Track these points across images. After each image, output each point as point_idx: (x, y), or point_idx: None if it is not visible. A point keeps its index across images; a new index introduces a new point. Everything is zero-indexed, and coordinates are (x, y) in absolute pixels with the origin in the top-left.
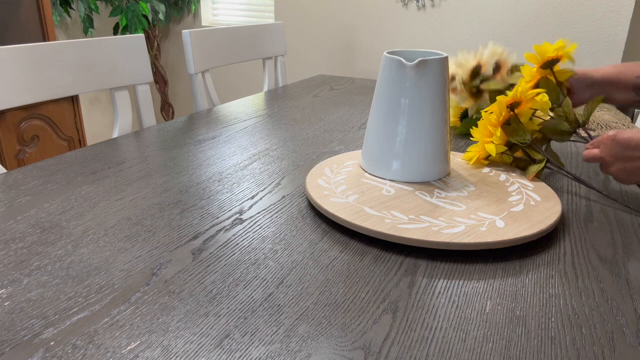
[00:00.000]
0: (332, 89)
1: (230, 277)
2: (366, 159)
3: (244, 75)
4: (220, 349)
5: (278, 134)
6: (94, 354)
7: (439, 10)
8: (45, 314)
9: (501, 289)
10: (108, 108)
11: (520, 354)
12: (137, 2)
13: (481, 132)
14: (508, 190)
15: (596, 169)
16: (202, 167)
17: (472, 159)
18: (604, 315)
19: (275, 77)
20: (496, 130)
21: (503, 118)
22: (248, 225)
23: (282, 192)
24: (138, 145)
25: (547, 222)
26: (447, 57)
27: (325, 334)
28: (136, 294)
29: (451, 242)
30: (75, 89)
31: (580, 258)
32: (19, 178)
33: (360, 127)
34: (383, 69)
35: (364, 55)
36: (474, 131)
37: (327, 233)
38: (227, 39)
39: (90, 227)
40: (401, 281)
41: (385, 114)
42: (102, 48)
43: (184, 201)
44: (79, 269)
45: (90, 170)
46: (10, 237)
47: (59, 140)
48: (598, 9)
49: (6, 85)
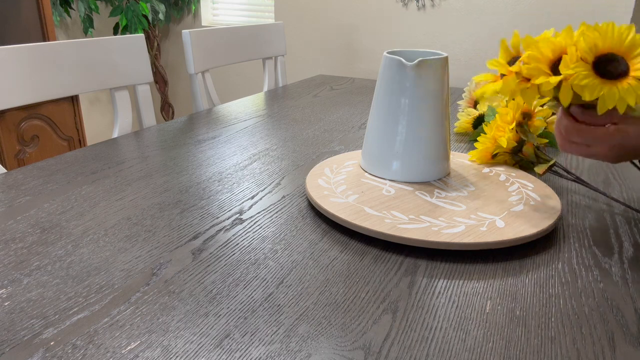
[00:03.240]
0: (332, 89)
1: (230, 277)
2: (366, 159)
3: (244, 75)
4: (220, 349)
5: (278, 134)
6: (94, 354)
7: (439, 10)
8: (45, 314)
9: (501, 289)
10: (108, 108)
11: (520, 354)
12: (137, 2)
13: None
14: (508, 190)
15: (597, 169)
16: (202, 167)
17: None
18: (604, 315)
19: (275, 77)
20: (511, 125)
21: (517, 120)
22: (248, 225)
23: (282, 192)
24: (138, 145)
25: (547, 222)
26: (447, 57)
27: (325, 334)
28: (136, 294)
29: (451, 242)
30: (75, 89)
31: (580, 258)
32: (19, 178)
33: (360, 127)
34: (383, 69)
35: (364, 55)
36: (487, 127)
37: (327, 233)
38: (227, 39)
39: (90, 227)
40: (401, 281)
41: (385, 114)
42: (102, 48)
43: (184, 201)
44: (79, 269)
45: (90, 170)
46: (10, 237)
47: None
48: (598, 9)
49: (6, 85)
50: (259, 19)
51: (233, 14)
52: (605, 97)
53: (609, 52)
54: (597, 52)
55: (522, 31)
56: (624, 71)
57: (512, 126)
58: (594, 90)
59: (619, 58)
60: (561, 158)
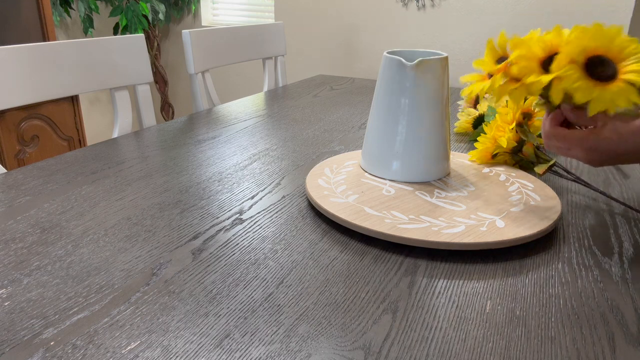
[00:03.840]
0: (332, 89)
1: (230, 277)
2: (366, 159)
3: (244, 75)
4: (220, 349)
5: (278, 134)
6: (94, 354)
7: (439, 10)
8: (45, 314)
9: (501, 289)
10: (108, 108)
11: (520, 354)
12: (137, 2)
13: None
14: (508, 190)
15: (597, 169)
16: (202, 167)
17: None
18: (604, 315)
19: (275, 77)
20: (511, 125)
21: (517, 120)
22: (248, 225)
23: (282, 192)
24: (138, 145)
25: (547, 222)
26: (447, 57)
27: (325, 334)
28: (136, 294)
29: (451, 242)
30: (75, 89)
31: (580, 258)
32: (19, 178)
33: (360, 127)
34: (383, 69)
35: (364, 55)
36: (487, 127)
37: (327, 233)
38: (227, 39)
39: (90, 227)
40: (401, 281)
41: (385, 114)
42: (102, 48)
43: (184, 201)
44: (79, 269)
45: (90, 170)
46: (10, 237)
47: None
48: (598, 9)
49: (6, 85)
50: (259, 19)
51: (233, 14)
52: (597, 100)
53: (599, 54)
54: (588, 54)
55: (522, 31)
56: (613, 73)
57: (512, 126)
58: (586, 92)
59: (608, 60)
60: (561, 158)
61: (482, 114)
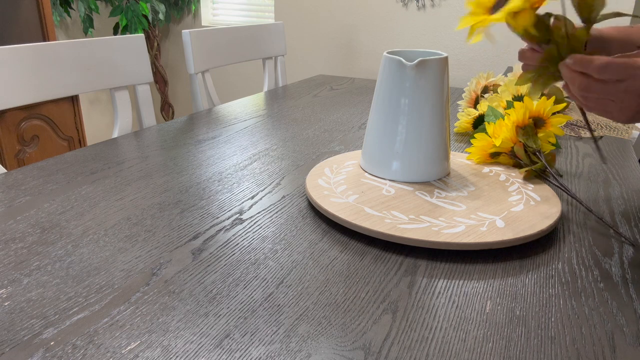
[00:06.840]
0: (332, 89)
1: (230, 277)
2: (366, 159)
3: (244, 75)
4: (220, 349)
5: (278, 134)
6: (94, 354)
7: (439, 10)
8: (45, 314)
9: (501, 289)
10: (108, 108)
11: (520, 354)
12: (137, 2)
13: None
14: (508, 190)
15: (597, 169)
16: (202, 167)
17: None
18: (604, 315)
19: (275, 77)
20: (511, 128)
21: (522, 122)
22: (248, 225)
23: (282, 192)
24: (138, 145)
25: (547, 222)
26: (447, 57)
27: (325, 334)
28: (136, 294)
29: (451, 242)
30: (75, 89)
31: (580, 258)
32: (19, 178)
33: (360, 127)
34: (383, 69)
35: (364, 55)
36: (488, 126)
37: (327, 233)
38: (227, 39)
39: (90, 227)
40: (401, 281)
41: (385, 114)
42: (102, 48)
43: (184, 201)
44: (79, 269)
45: (90, 170)
46: (10, 237)
47: (59, 140)
48: None
49: (6, 85)
50: (259, 19)
51: (233, 14)
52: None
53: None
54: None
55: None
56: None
57: (512, 126)
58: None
59: None
60: (561, 158)
61: (482, 114)
